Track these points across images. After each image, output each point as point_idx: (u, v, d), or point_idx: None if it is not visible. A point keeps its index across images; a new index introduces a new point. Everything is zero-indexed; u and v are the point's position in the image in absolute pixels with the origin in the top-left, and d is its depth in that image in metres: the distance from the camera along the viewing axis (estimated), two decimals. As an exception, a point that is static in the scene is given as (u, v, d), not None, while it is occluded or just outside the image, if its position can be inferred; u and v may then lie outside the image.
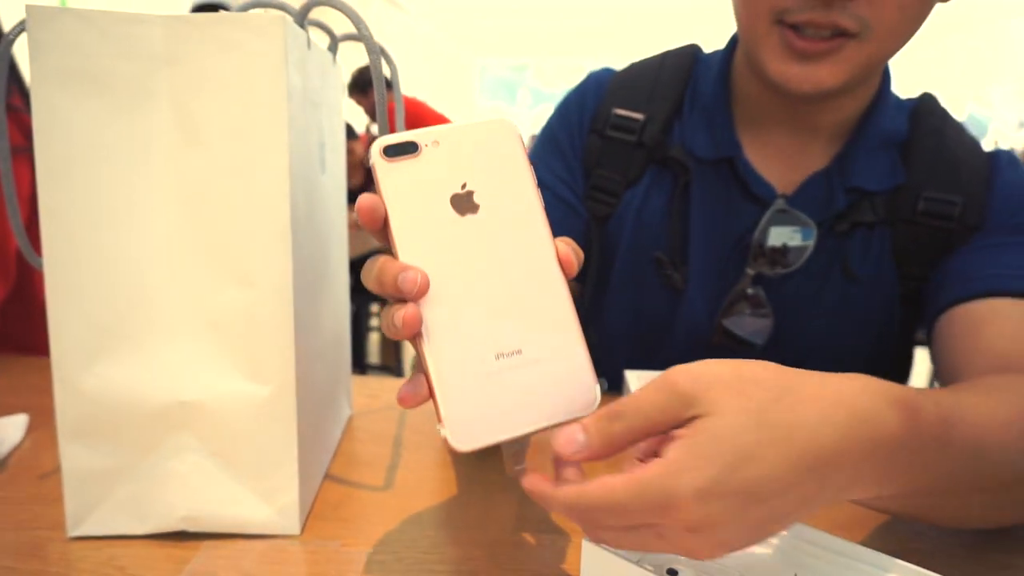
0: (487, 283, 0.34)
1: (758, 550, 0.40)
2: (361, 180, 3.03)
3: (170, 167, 0.42)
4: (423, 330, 0.33)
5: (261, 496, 0.45)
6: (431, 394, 0.33)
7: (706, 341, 0.72)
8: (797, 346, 0.71)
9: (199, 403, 0.44)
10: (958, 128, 0.70)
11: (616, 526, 0.32)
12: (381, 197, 0.34)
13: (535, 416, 0.34)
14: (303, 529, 0.47)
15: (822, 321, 0.70)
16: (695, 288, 0.71)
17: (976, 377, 0.53)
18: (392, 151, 0.35)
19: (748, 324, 0.70)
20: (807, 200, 0.68)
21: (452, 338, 0.33)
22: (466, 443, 0.33)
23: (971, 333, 0.59)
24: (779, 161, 0.70)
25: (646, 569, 0.35)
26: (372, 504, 0.50)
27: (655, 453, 0.32)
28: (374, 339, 3.39)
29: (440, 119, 3.01)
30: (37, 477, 0.53)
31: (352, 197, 2.91)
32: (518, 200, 0.36)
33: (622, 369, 0.70)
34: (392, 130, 0.54)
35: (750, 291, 0.69)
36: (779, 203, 0.68)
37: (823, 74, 0.59)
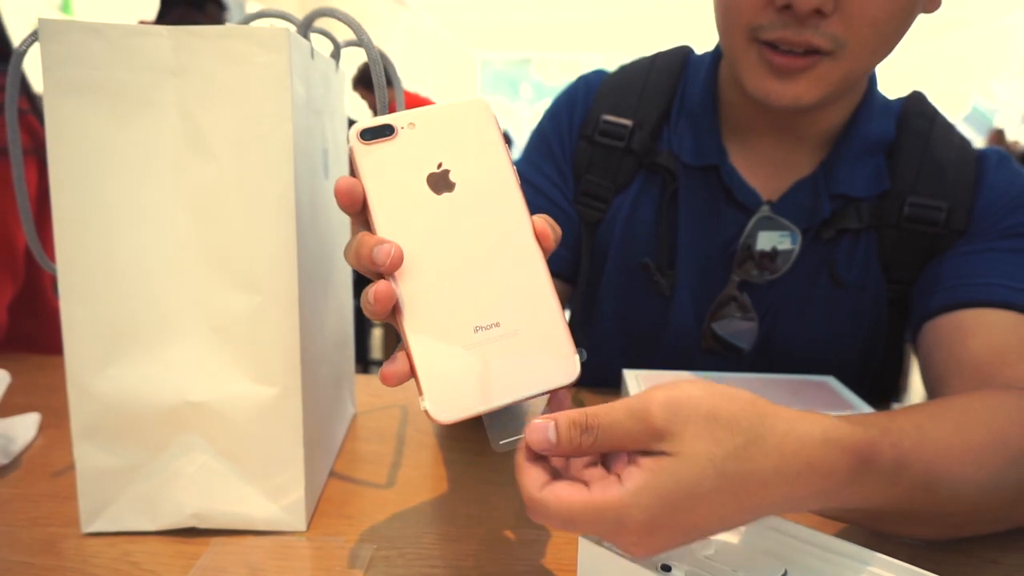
0: (464, 258, 0.35)
1: (748, 546, 0.41)
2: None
3: (178, 176, 0.43)
4: (401, 305, 0.34)
5: (268, 494, 0.47)
6: (411, 368, 0.34)
7: (696, 345, 0.73)
8: (786, 350, 0.71)
9: (207, 404, 0.45)
10: (946, 129, 0.70)
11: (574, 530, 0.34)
12: (360, 179, 0.35)
13: (515, 387, 0.34)
14: (309, 526, 0.48)
15: (810, 326, 0.70)
16: (683, 294, 0.72)
17: (956, 391, 0.54)
18: (369, 134, 0.36)
19: (736, 327, 0.71)
20: (792, 207, 0.68)
21: (430, 312, 0.34)
22: (447, 414, 0.33)
23: (956, 343, 0.59)
24: (765, 168, 0.70)
25: (641, 565, 0.36)
26: (376, 501, 0.52)
27: (605, 465, 0.35)
28: (377, 334, 3.40)
29: None
30: (50, 475, 0.54)
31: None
32: (493, 177, 0.37)
33: (615, 370, 0.71)
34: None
35: (736, 295, 0.70)
36: (764, 210, 0.68)
37: (800, 90, 0.60)
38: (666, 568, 0.38)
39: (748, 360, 0.72)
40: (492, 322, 0.35)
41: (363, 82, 3.07)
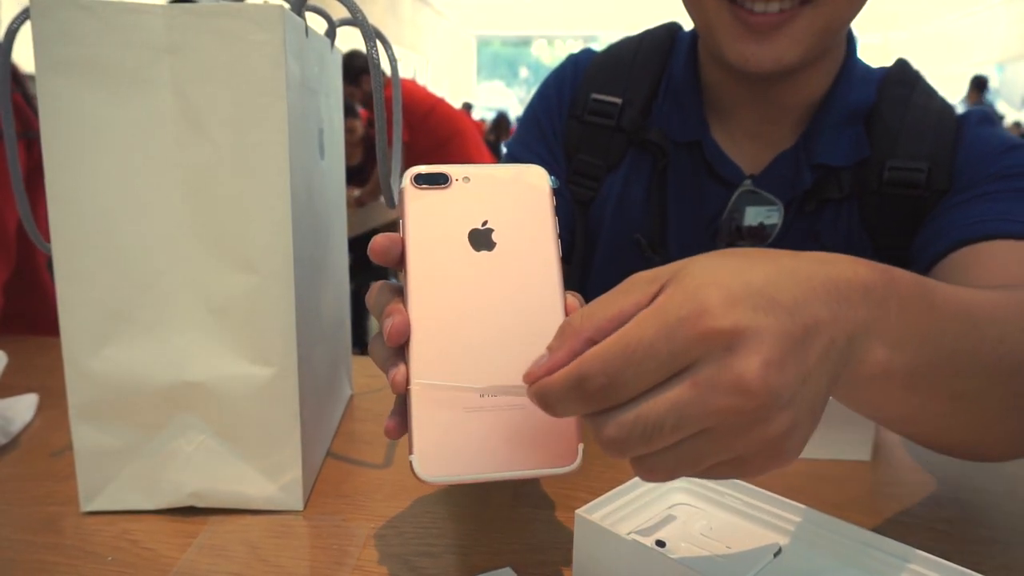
0: (486, 318, 0.35)
1: (742, 523, 0.41)
2: (361, 158, 3.03)
3: (173, 155, 0.43)
4: (411, 354, 0.34)
5: (265, 473, 0.47)
6: (407, 418, 0.34)
7: None
8: None
9: (204, 385, 0.45)
10: (927, 94, 0.69)
11: (650, 419, 0.28)
12: (404, 221, 0.36)
13: (509, 462, 0.34)
14: (306, 505, 0.49)
15: None
16: None
17: None
18: (423, 179, 0.37)
19: None
20: (774, 180, 0.69)
21: (440, 365, 0.34)
22: (433, 474, 0.33)
23: (966, 279, 0.56)
24: (747, 143, 0.71)
25: (636, 539, 0.36)
26: (373, 481, 0.52)
27: None
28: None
29: (433, 100, 2.98)
30: (49, 455, 0.55)
31: (351, 176, 2.91)
32: (535, 245, 0.36)
33: None
34: (390, 116, 0.55)
35: None
36: (746, 184, 0.69)
37: (781, 49, 0.59)
38: (660, 544, 0.38)
39: None
40: None
41: (347, 77, 3.03)
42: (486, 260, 0.36)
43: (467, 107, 5.55)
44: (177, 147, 0.43)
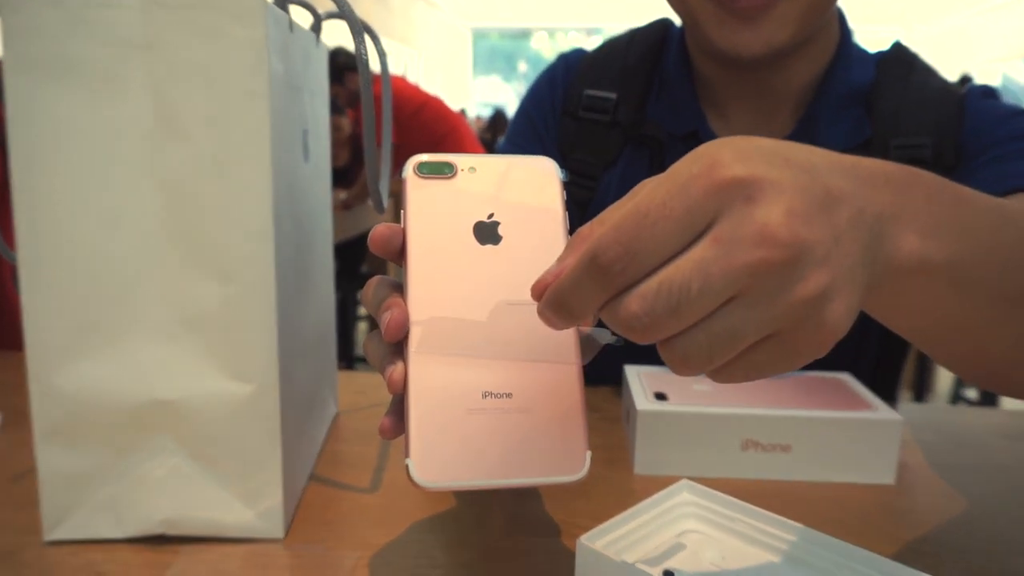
0: (490, 316, 0.35)
1: (758, 552, 0.41)
2: (347, 159, 3.04)
3: (148, 158, 0.43)
4: (410, 350, 0.34)
5: (243, 499, 0.47)
6: (404, 419, 0.34)
7: None
8: None
9: (178, 403, 0.45)
10: (927, 72, 0.72)
11: (675, 282, 0.27)
12: (405, 211, 0.36)
13: (511, 468, 0.33)
14: (287, 533, 0.49)
15: None
16: None
17: None
18: (426, 168, 0.37)
19: None
20: None
21: (440, 364, 0.34)
22: (430, 479, 0.33)
23: None
24: (746, 130, 0.73)
25: (643, 569, 0.36)
26: (359, 506, 0.52)
27: None
28: (362, 329, 3.40)
29: (423, 96, 2.99)
30: (10, 479, 0.55)
31: (337, 178, 2.92)
32: (544, 239, 0.37)
33: (614, 366, 0.71)
34: (379, 116, 0.55)
35: None
36: None
37: (770, 31, 0.62)
38: (669, 574, 0.38)
39: None
40: (504, 391, 0.34)
41: (330, 75, 3.04)
42: (491, 254, 0.36)
43: (461, 112, 5.61)
44: (152, 149, 0.43)
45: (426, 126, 2.88)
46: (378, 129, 0.53)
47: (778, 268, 0.27)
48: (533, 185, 0.38)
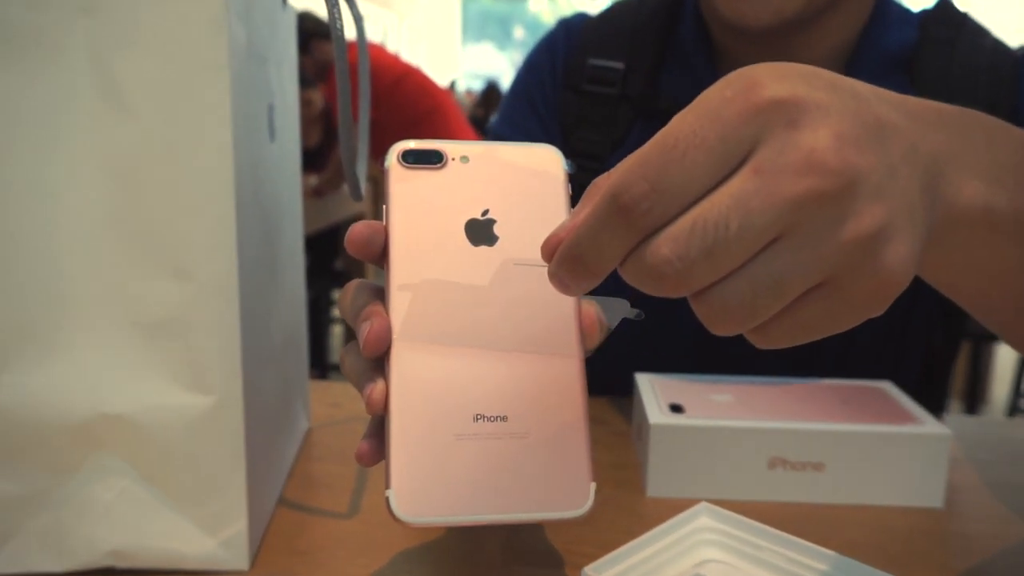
0: (483, 328, 0.35)
1: (786, 585, 0.42)
2: (318, 139, 3.04)
3: (91, 138, 0.43)
4: (392, 367, 0.34)
5: (202, 526, 0.47)
6: (385, 445, 0.34)
7: None
8: None
9: (128, 417, 0.45)
10: (976, 32, 0.72)
11: (710, 219, 0.27)
12: (387, 207, 0.36)
13: (505, 502, 0.33)
14: (252, 564, 0.49)
15: None
16: None
17: None
18: (411, 157, 0.37)
19: None
20: None
21: (426, 383, 0.34)
22: (413, 514, 0.33)
23: None
24: None
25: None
26: (335, 534, 0.52)
27: None
28: (337, 333, 3.41)
29: (403, 67, 2.99)
30: (-65, 505, 0.55)
31: (308, 160, 2.92)
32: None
33: (624, 373, 0.72)
34: (355, 91, 0.55)
35: None
36: None
37: (780, 0, 0.63)
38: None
39: None
40: (499, 414, 0.34)
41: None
42: (486, 257, 0.36)
43: (450, 86, 5.60)
44: (96, 128, 0.43)
45: (406, 102, 2.87)
46: (354, 104, 0.53)
47: (828, 200, 0.26)
48: (534, 177, 0.38)
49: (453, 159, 0.37)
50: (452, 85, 7.16)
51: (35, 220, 0.44)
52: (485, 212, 0.36)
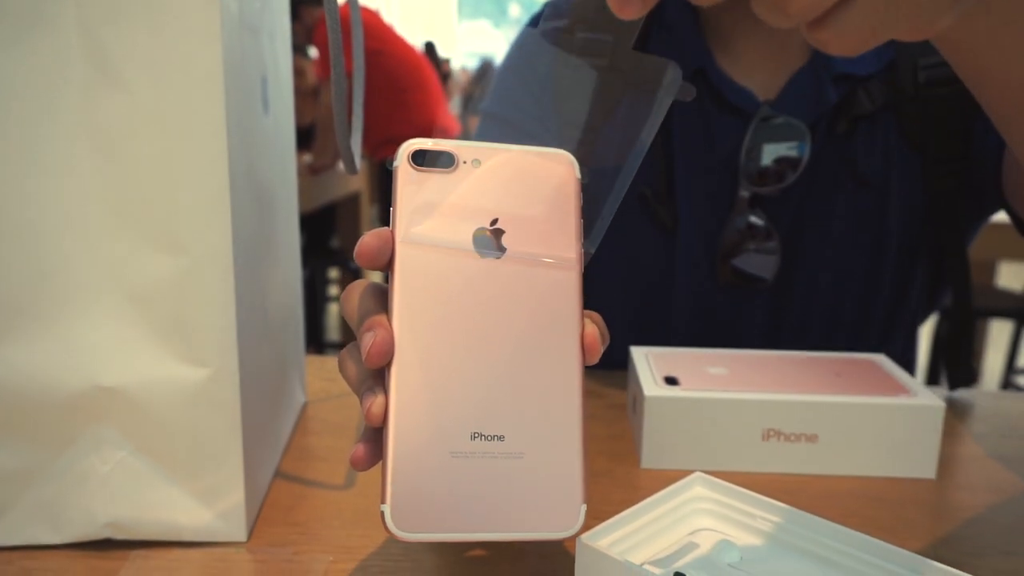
0: (486, 344, 0.35)
1: (779, 552, 0.42)
2: (312, 117, 3.02)
3: (82, 112, 0.43)
4: (393, 381, 0.34)
5: (199, 498, 0.47)
6: (383, 459, 0.34)
7: (711, 282, 0.78)
8: (811, 275, 0.77)
9: (122, 389, 0.45)
10: None
11: None
12: (395, 210, 0.36)
13: (498, 520, 0.35)
14: (250, 535, 0.49)
15: (835, 242, 0.76)
16: (688, 224, 0.77)
17: None
18: (423, 159, 0.36)
19: (755, 261, 0.76)
20: (793, 101, 0.73)
21: (425, 399, 0.34)
22: (408, 529, 0.34)
23: None
24: (757, 69, 0.76)
25: (650, 571, 0.37)
26: (331, 505, 0.53)
27: None
28: (333, 311, 3.41)
29: (386, 35, 2.95)
30: (-68, 479, 0.55)
31: (302, 138, 2.91)
32: (554, 255, 0.37)
33: (621, 345, 0.72)
34: (349, 62, 0.55)
35: (752, 220, 0.74)
36: (763, 110, 0.73)
37: None
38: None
39: (770, 293, 0.78)
40: (496, 433, 0.35)
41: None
42: (492, 270, 0.36)
43: (429, 48, 5.40)
44: (86, 101, 0.43)
45: (386, 75, 2.82)
46: (348, 66, 0.52)
47: None
48: (546, 186, 0.37)
49: (464, 162, 0.37)
50: (447, 63, 7.10)
51: (27, 194, 0.43)
52: (494, 222, 0.36)
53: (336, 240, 3.33)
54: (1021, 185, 0.66)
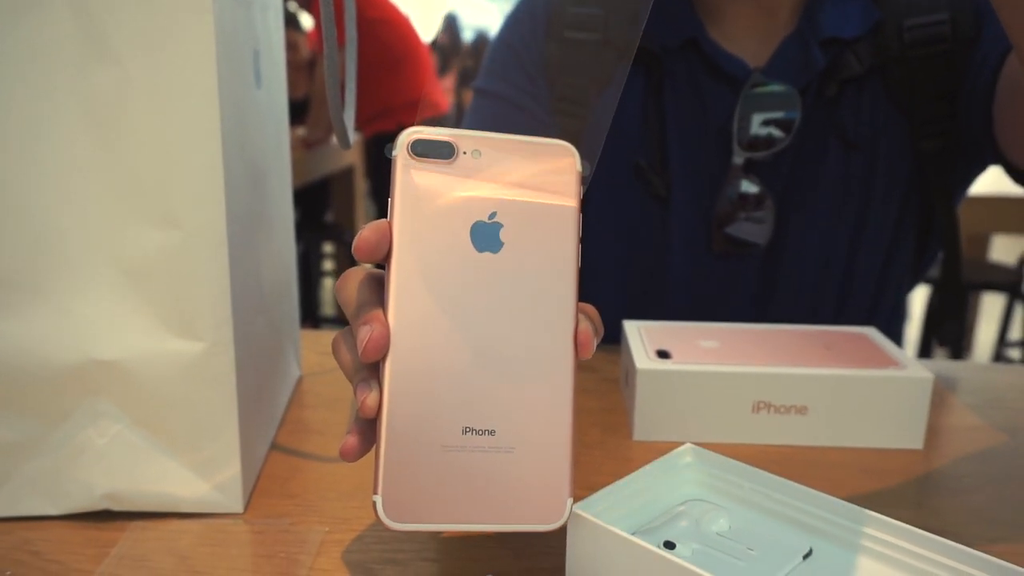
0: (480, 340, 0.36)
1: (767, 522, 0.43)
2: (305, 90, 3.00)
3: (75, 86, 0.43)
4: (387, 375, 0.35)
5: (196, 470, 0.48)
6: (375, 452, 0.35)
7: (705, 249, 0.79)
8: (801, 239, 0.78)
9: (118, 363, 0.46)
10: None
11: None
12: (393, 200, 0.35)
13: (486, 512, 0.35)
14: (247, 507, 0.50)
15: (826, 206, 0.77)
16: (681, 193, 0.78)
17: None
18: (423, 148, 0.36)
19: (748, 228, 0.77)
20: (782, 67, 0.75)
21: (419, 393, 0.35)
22: (399, 520, 0.35)
23: None
24: (746, 38, 0.77)
25: (640, 541, 0.37)
26: (326, 477, 0.53)
27: None
28: (328, 286, 3.41)
29: (389, 5, 2.93)
30: (-70, 452, 0.55)
31: (295, 112, 2.89)
32: (550, 252, 0.37)
33: (617, 311, 0.73)
34: (341, 29, 0.55)
35: (745, 188, 0.75)
36: (754, 77, 0.74)
37: None
38: (669, 545, 0.39)
39: (762, 258, 0.79)
40: (487, 428, 0.35)
41: None
42: (488, 264, 0.36)
43: (451, 20, 5.23)
44: (78, 74, 0.43)
45: (383, 44, 2.79)
46: (340, 37, 0.52)
47: None
48: (547, 179, 0.37)
49: (464, 152, 0.36)
50: (451, 22, 6.99)
51: (21, 169, 0.43)
52: (492, 215, 0.36)
53: (330, 214, 3.31)
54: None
